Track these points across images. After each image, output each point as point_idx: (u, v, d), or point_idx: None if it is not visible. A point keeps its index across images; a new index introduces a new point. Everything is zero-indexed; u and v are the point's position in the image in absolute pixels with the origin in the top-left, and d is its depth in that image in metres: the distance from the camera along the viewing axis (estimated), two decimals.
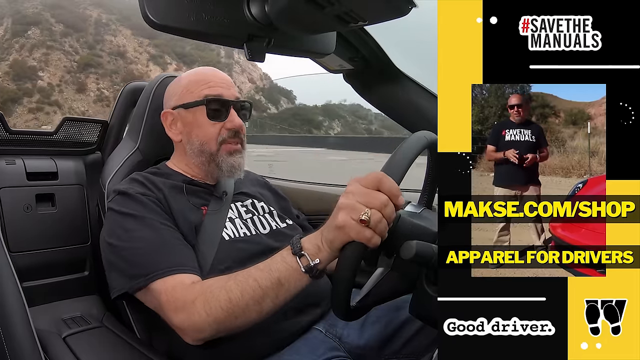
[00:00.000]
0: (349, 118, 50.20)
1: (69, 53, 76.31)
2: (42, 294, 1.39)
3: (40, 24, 70.35)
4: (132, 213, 0.97)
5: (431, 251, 0.71)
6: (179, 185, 1.07)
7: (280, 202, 1.24)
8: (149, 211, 0.97)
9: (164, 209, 0.99)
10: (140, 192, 1.00)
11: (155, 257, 0.90)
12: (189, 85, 1.10)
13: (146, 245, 0.92)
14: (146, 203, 0.98)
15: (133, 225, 0.95)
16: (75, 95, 72.46)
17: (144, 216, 0.96)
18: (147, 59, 79.76)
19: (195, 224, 1.01)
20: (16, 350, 0.92)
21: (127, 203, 0.99)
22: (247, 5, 0.70)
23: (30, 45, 69.98)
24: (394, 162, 0.75)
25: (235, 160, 1.08)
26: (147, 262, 0.90)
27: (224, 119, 1.07)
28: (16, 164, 1.43)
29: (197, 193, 1.07)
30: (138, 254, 0.92)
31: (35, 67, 72.72)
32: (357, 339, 1.00)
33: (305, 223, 1.28)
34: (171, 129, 1.12)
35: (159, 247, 0.91)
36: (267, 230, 1.09)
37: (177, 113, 1.10)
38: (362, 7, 0.68)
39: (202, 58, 77.27)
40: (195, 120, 1.07)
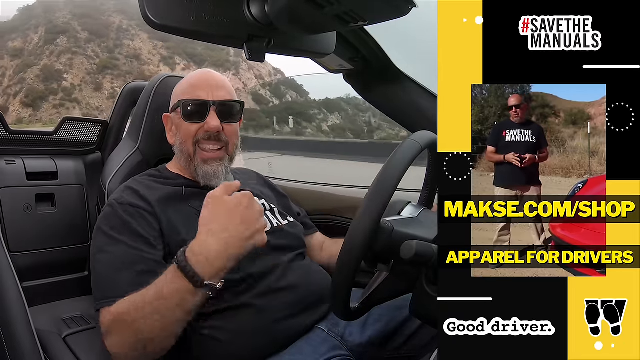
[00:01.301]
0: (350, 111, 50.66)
1: (91, 57, 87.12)
2: (42, 294, 1.39)
3: (68, 33, 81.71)
4: (107, 232, 0.97)
5: (431, 251, 0.71)
6: (179, 190, 1.06)
7: (280, 200, 1.24)
8: (124, 229, 0.96)
9: (150, 219, 0.98)
10: (127, 203, 1.00)
11: (106, 284, 0.92)
12: (180, 88, 1.12)
13: (104, 269, 0.94)
14: (125, 220, 0.97)
15: (104, 246, 0.96)
16: (93, 93, 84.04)
17: (116, 237, 0.96)
18: (159, 60, 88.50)
19: (196, 228, 1.01)
20: (16, 350, 0.92)
21: (109, 219, 0.99)
22: (247, 5, 0.70)
23: (58, 52, 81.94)
24: (386, 173, 0.74)
25: (210, 168, 1.07)
26: (101, 287, 0.93)
27: (201, 121, 1.06)
28: (16, 163, 1.43)
29: (196, 195, 1.06)
30: (99, 276, 0.94)
31: (61, 70, 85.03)
32: (359, 337, 1.00)
33: (307, 220, 1.29)
34: (169, 132, 1.14)
35: (112, 274, 0.92)
36: (268, 228, 1.09)
37: (172, 116, 1.13)
38: (362, 7, 0.68)
39: (211, 57, 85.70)
40: (178, 121, 1.09)
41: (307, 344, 0.97)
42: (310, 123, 57.70)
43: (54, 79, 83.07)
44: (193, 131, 1.06)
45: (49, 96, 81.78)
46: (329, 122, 56.74)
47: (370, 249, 0.74)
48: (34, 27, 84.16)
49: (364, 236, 0.71)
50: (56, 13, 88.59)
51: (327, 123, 57.95)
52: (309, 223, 1.28)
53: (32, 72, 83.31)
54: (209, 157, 1.07)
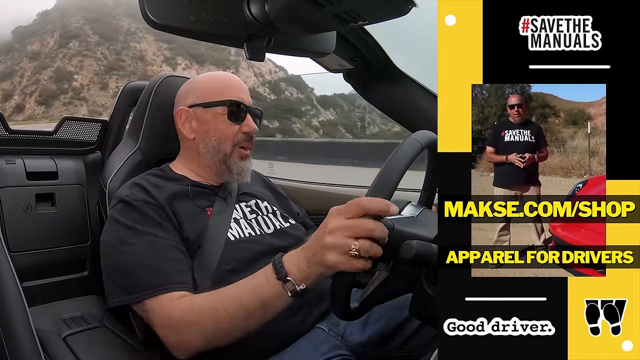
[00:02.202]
0: (346, 107, 51.43)
1: (99, 59, 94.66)
2: (42, 294, 1.39)
3: (80, 37, 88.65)
4: (129, 224, 0.97)
5: (431, 251, 0.71)
6: (184, 189, 1.07)
7: (281, 202, 1.25)
8: (147, 222, 0.97)
9: (165, 216, 0.99)
10: (141, 199, 1.00)
11: (146, 274, 0.91)
12: (211, 86, 1.12)
13: (138, 260, 0.93)
14: (145, 212, 0.98)
15: (129, 238, 0.96)
16: (99, 92, 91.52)
17: (140, 229, 0.96)
18: (161, 61, 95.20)
19: (202, 226, 1.02)
20: (16, 350, 0.91)
21: (127, 212, 0.99)
22: (247, 5, 0.70)
23: (70, 55, 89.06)
24: (386, 172, 0.74)
25: (245, 165, 1.11)
26: (139, 279, 0.91)
27: (241, 122, 1.10)
28: (16, 163, 1.43)
29: (202, 195, 1.08)
30: (131, 269, 0.93)
31: (72, 71, 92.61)
32: (359, 337, 1.00)
33: (307, 220, 1.29)
34: (184, 127, 1.12)
35: (151, 263, 0.92)
36: (271, 230, 1.10)
37: (192, 111, 1.11)
38: (362, 6, 0.68)
39: (212, 57, 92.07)
40: (215, 120, 1.09)
41: (308, 343, 0.97)
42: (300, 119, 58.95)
43: (65, 80, 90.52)
44: (234, 131, 1.09)
45: (60, 95, 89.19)
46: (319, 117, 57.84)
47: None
48: (50, 32, 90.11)
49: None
50: (70, 18, 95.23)
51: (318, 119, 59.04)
52: (309, 223, 1.29)
53: (46, 73, 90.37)
54: (246, 154, 1.12)
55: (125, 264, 0.94)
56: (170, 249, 0.95)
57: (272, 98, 65.09)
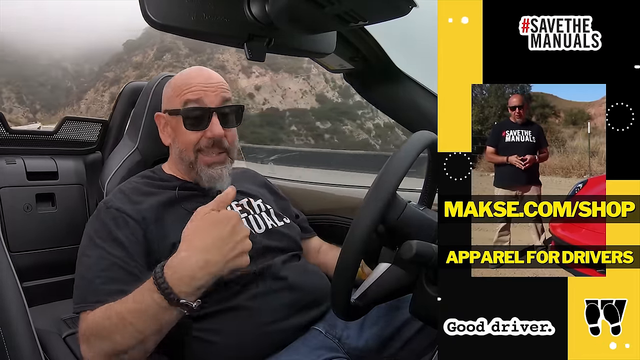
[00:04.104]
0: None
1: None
2: (42, 294, 1.39)
3: (172, 50, 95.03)
4: (90, 234, 0.97)
5: (431, 251, 0.71)
6: (171, 193, 1.04)
7: (279, 202, 1.23)
8: (104, 235, 0.95)
9: (133, 228, 0.96)
10: (114, 207, 0.98)
11: (87, 288, 0.91)
12: (174, 89, 1.07)
13: (85, 274, 0.93)
14: (107, 224, 0.96)
15: (86, 249, 0.96)
16: None
17: (96, 241, 0.95)
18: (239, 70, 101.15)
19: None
20: (16, 350, 0.92)
21: (94, 220, 0.99)
22: (248, 5, 0.70)
23: (163, 66, 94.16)
24: (394, 162, 0.74)
25: (215, 172, 1.04)
26: (82, 290, 0.92)
27: (204, 128, 1.02)
28: (16, 163, 1.43)
29: (190, 197, 1.05)
30: (80, 279, 0.93)
31: None
32: (356, 340, 0.99)
33: (305, 224, 1.27)
34: (163, 132, 1.10)
35: (92, 278, 0.91)
36: (262, 229, 1.08)
37: (166, 117, 1.08)
38: (362, 6, 0.68)
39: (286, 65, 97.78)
40: (178, 127, 1.05)
41: (304, 344, 0.96)
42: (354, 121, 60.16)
43: None
44: (195, 139, 1.02)
45: None
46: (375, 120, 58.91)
47: (384, 221, 0.73)
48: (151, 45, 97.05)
49: (371, 221, 0.70)
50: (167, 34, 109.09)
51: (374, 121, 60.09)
52: (307, 227, 1.27)
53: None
54: (212, 161, 1.04)
55: (78, 273, 0.94)
56: (114, 268, 0.92)
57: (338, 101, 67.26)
